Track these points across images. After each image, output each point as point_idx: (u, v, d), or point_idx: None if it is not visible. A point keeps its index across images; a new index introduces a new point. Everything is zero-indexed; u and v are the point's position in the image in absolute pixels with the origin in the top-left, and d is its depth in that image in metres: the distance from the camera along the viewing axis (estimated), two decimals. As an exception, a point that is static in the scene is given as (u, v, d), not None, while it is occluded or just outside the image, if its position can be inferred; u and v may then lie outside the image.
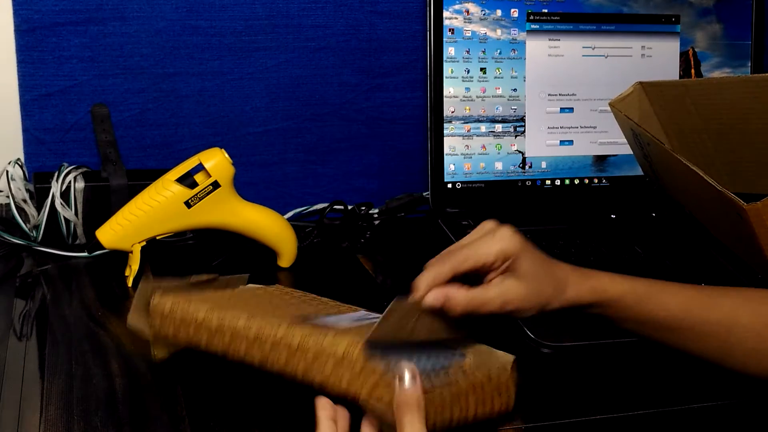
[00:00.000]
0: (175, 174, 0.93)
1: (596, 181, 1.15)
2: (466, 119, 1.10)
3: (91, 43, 1.07)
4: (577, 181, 1.15)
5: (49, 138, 1.09)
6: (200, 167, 0.93)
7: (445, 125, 1.09)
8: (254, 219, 0.97)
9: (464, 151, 1.10)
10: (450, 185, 1.10)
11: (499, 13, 1.11)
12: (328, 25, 1.15)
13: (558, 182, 1.14)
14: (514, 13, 1.11)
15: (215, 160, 0.93)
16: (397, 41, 1.18)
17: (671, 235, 1.05)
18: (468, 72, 1.10)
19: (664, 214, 1.12)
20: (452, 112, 1.10)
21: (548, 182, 1.14)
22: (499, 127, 1.12)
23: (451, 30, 1.09)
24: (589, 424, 0.70)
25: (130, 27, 1.08)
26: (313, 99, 1.17)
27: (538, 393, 0.72)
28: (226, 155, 0.93)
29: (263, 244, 0.99)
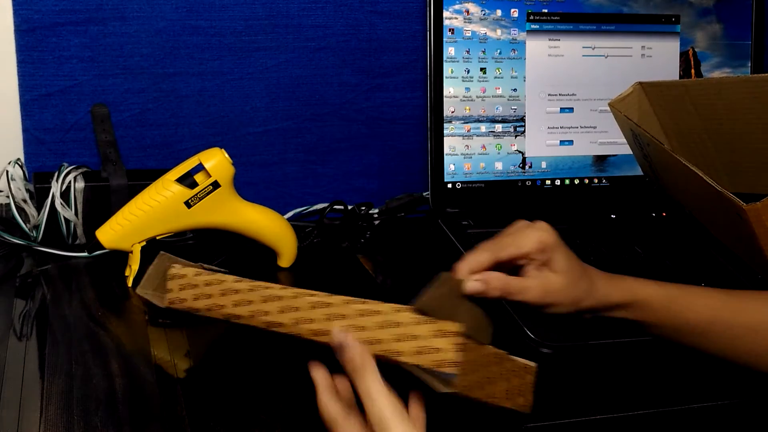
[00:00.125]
0: (175, 174, 0.93)
1: (596, 181, 1.15)
2: (466, 119, 1.10)
3: (91, 43, 1.07)
4: (577, 181, 1.15)
5: (49, 138, 1.09)
6: (200, 167, 0.93)
7: (445, 125, 1.09)
8: (254, 219, 0.97)
9: (464, 151, 1.10)
10: (450, 185, 1.10)
11: (499, 13, 1.11)
12: (328, 25, 1.15)
13: (558, 182, 1.14)
14: (514, 13, 1.11)
15: (215, 160, 0.93)
16: (397, 41, 1.18)
17: (671, 235, 1.05)
18: (468, 72, 1.10)
19: (664, 214, 1.12)
20: (452, 112, 1.10)
21: (548, 182, 1.14)
22: (499, 127, 1.12)
23: (451, 30, 1.09)
24: (589, 424, 0.71)
25: (130, 27, 1.08)
26: (313, 99, 1.17)
27: (538, 393, 0.72)
28: (226, 155, 0.93)
29: (263, 244, 0.99)
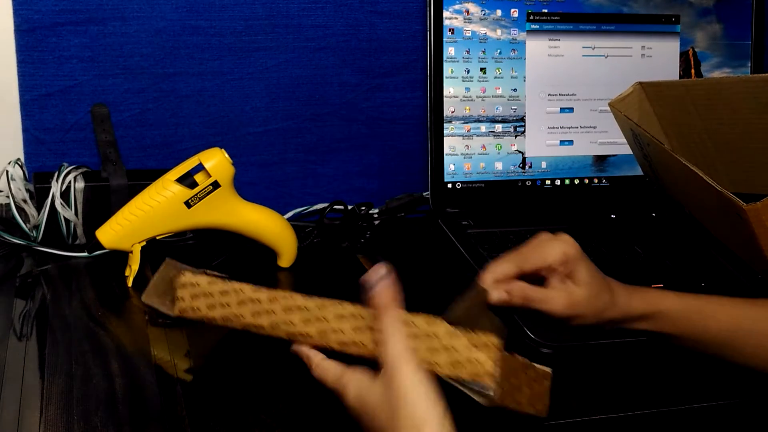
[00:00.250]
0: (175, 174, 0.93)
1: (596, 181, 1.15)
2: (466, 119, 1.10)
3: (91, 43, 1.07)
4: (577, 181, 1.15)
5: (49, 138, 1.09)
6: (200, 167, 0.93)
7: (445, 125, 1.09)
8: (254, 219, 0.97)
9: (464, 151, 1.10)
10: (450, 185, 1.10)
11: (499, 13, 1.11)
12: (328, 25, 1.15)
13: (558, 182, 1.14)
14: (514, 13, 1.11)
15: (215, 160, 0.93)
16: (397, 41, 1.18)
17: (671, 235, 1.05)
18: (468, 72, 1.10)
19: (664, 214, 1.11)
20: (452, 112, 1.10)
21: (548, 182, 1.14)
22: (499, 127, 1.12)
23: (451, 30, 1.09)
24: (589, 424, 0.71)
25: (130, 27, 1.08)
26: (313, 99, 1.17)
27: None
28: (226, 155, 0.93)
29: (263, 244, 0.99)
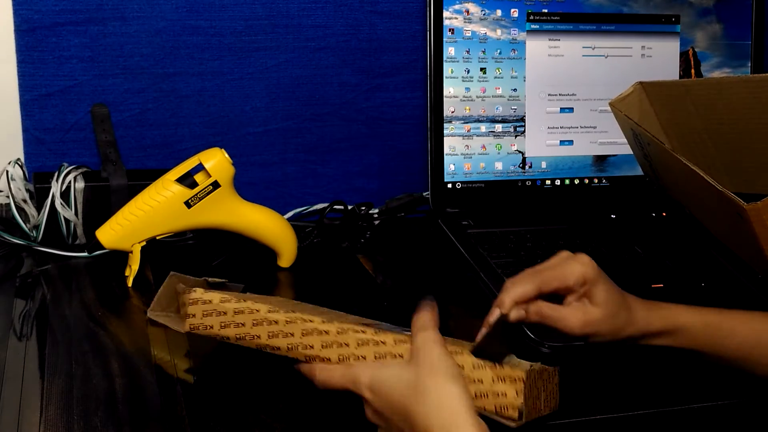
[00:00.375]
0: (175, 174, 0.93)
1: (596, 181, 1.15)
2: (466, 119, 1.10)
3: (91, 43, 1.07)
4: (577, 181, 1.15)
5: (49, 138, 1.09)
6: (200, 167, 0.93)
7: (445, 125, 1.09)
8: (254, 219, 0.97)
9: (464, 151, 1.10)
10: (450, 185, 1.10)
11: (499, 13, 1.11)
12: (328, 25, 1.15)
13: (558, 182, 1.14)
14: (514, 13, 1.11)
15: (215, 160, 0.93)
16: (397, 41, 1.18)
17: (671, 235, 1.05)
18: (468, 72, 1.10)
19: (664, 214, 1.11)
20: (452, 112, 1.10)
21: (548, 182, 1.14)
22: (499, 127, 1.12)
23: (451, 30, 1.09)
24: (589, 424, 0.71)
25: (130, 27, 1.08)
26: (313, 99, 1.17)
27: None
28: (226, 155, 0.93)
29: (263, 244, 0.99)
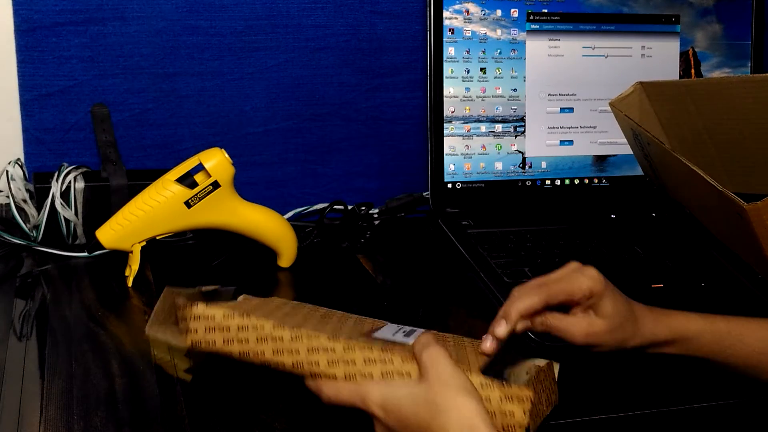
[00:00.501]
0: (175, 174, 0.93)
1: (596, 181, 1.15)
2: (466, 119, 1.10)
3: (91, 43, 1.07)
4: (577, 181, 1.15)
5: (49, 138, 1.09)
6: (200, 167, 0.93)
7: (445, 125, 1.09)
8: (254, 219, 0.97)
9: (464, 151, 1.10)
10: (450, 185, 1.10)
11: (499, 13, 1.11)
12: (328, 25, 1.15)
13: (558, 182, 1.14)
14: (514, 13, 1.11)
15: (215, 160, 0.93)
16: (397, 41, 1.18)
17: (671, 235, 1.05)
18: (468, 72, 1.10)
19: (664, 214, 1.11)
20: (452, 112, 1.10)
21: (548, 182, 1.14)
22: (499, 127, 1.12)
23: (451, 30, 1.09)
24: (589, 424, 0.71)
25: (130, 27, 1.08)
26: (313, 99, 1.17)
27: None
28: (226, 155, 0.93)
29: (263, 244, 0.99)
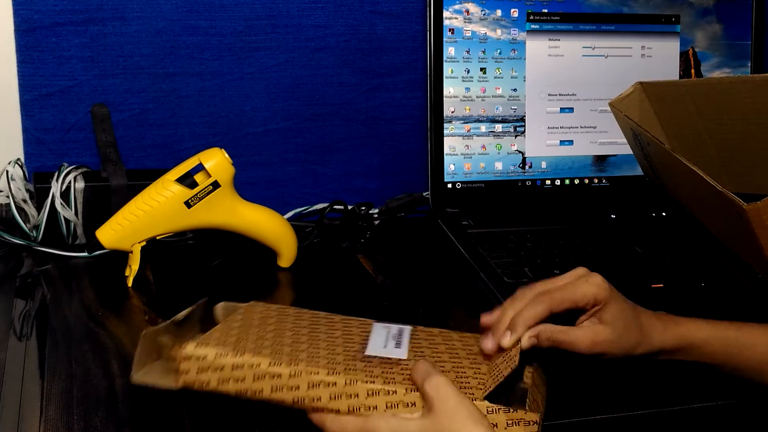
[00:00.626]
0: (175, 174, 0.93)
1: (596, 181, 1.15)
2: (466, 119, 1.10)
3: (91, 43, 1.07)
4: (577, 181, 1.15)
5: (49, 138, 1.09)
6: (200, 167, 0.93)
7: (445, 125, 1.09)
8: (254, 219, 0.97)
9: (464, 151, 1.10)
10: (450, 185, 1.10)
11: (499, 13, 1.11)
12: (328, 25, 1.15)
13: (558, 182, 1.14)
14: (514, 13, 1.11)
15: (215, 160, 0.93)
16: (397, 41, 1.18)
17: (671, 235, 1.05)
18: (468, 72, 1.10)
19: (664, 214, 1.11)
20: (452, 112, 1.10)
21: (548, 182, 1.14)
22: (499, 127, 1.12)
23: (451, 30, 1.09)
24: (589, 424, 0.70)
25: (130, 27, 1.08)
26: (313, 99, 1.17)
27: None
28: (226, 155, 0.93)
29: (263, 244, 0.99)
